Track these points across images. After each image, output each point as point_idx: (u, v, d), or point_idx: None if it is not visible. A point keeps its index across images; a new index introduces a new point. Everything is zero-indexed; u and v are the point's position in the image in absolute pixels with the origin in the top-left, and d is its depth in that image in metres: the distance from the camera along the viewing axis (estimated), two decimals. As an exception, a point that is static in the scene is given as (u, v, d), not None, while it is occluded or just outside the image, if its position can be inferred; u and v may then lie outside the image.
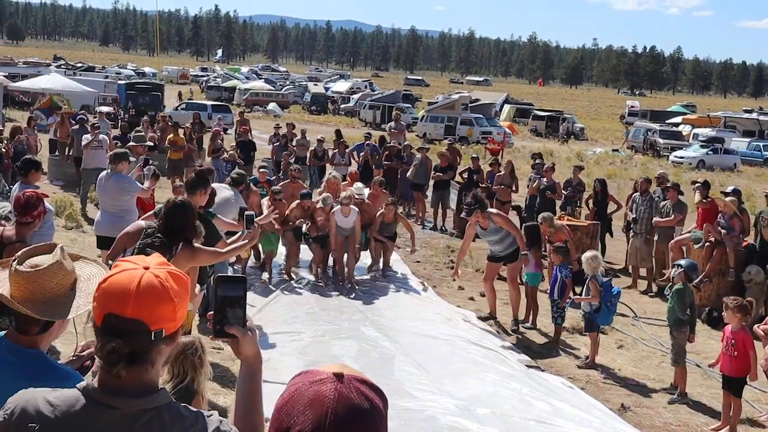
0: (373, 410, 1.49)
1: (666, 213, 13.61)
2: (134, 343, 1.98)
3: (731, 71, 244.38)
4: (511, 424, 7.14)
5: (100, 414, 1.98)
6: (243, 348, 2.25)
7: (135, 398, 2.00)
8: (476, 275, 13.81)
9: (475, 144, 42.20)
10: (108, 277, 2.04)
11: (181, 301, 2.05)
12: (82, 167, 16.50)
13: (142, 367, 2.02)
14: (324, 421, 1.44)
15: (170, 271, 2.07)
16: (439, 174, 18.13)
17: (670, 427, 7.79)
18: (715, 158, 40.64)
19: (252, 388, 2.30)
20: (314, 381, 1.51)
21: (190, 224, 6.16)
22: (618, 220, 16.16)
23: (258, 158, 22.41)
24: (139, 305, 1.97)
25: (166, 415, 2.02)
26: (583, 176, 18.75)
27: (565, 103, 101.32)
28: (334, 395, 1.47)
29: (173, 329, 2.06)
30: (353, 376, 1.52)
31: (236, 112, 40.32)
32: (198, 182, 7.79)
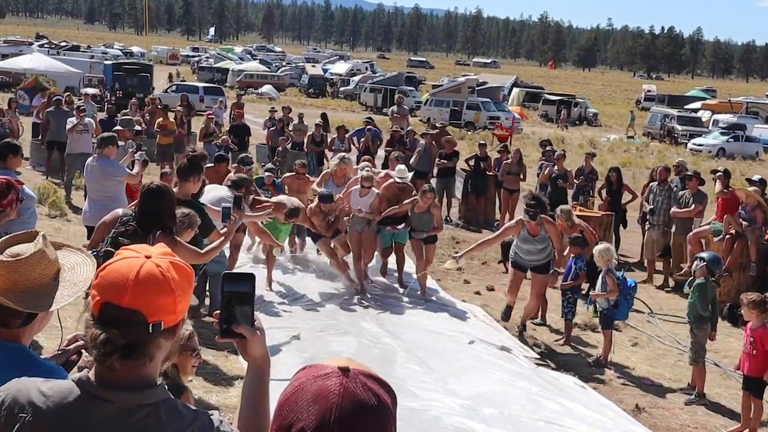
0: (381, 406, 1.49)
1: (685, 203, 13.59)
2: (131, 334, 1.98)
3: (754, 54, 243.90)
4: (519, 425, 7.16)
5: (94, 407, 1.99)
6: (251, 349, 2.24)
7: (130, 392, 2.00)
8: (482, 268, 13.84)
9: (482, 130, 42.17)
10: (107, 265, 2.05)
11: (182, 293, 2.05)
12: (66, 152, 16.49)
13: (139, 360, 2.02)
14: (329, 417, 1.44)
15: (173, 262, 2.07)
16: (443, 161, 18.10)
17: (686, 429, 7.82)
18: (736, 146, 40.57)
19: (259, 390, 2.30)
20: (319, 375, 1.50)
21: (167, 211, 6.12)
22: (633, 211, 16.14)
23: (252, 143, 22.40)
24: (137, 295, 1.97)
25: (162, 411, 2.02)
26: (596, 164, 18.76)
27: (577, 87, 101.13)
28: (339, 390, 1.46)
29: (173, 322, 2.06)
30: (360, 370, 1.51)
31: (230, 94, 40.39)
32: (191, 169, 7.78)
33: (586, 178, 16.61)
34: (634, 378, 9.15)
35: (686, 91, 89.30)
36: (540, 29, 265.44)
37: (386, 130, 24.33)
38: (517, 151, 18.04)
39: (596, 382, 8.90)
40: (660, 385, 9.00)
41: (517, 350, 9.58)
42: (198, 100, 38.87)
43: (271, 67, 75.56)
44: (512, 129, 29.62)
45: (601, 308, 9.63)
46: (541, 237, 10.04)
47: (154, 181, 6.94)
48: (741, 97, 65.52)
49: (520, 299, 10.69)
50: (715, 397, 8.70)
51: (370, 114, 35.93)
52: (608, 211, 15.28)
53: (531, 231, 10.00)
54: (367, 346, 9.12)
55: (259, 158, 22.07)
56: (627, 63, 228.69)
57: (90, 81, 39.31)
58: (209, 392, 7.33)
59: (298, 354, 8.60)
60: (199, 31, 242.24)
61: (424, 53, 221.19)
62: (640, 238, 15.27)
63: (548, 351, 9.88)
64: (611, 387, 8.82)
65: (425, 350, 9.08)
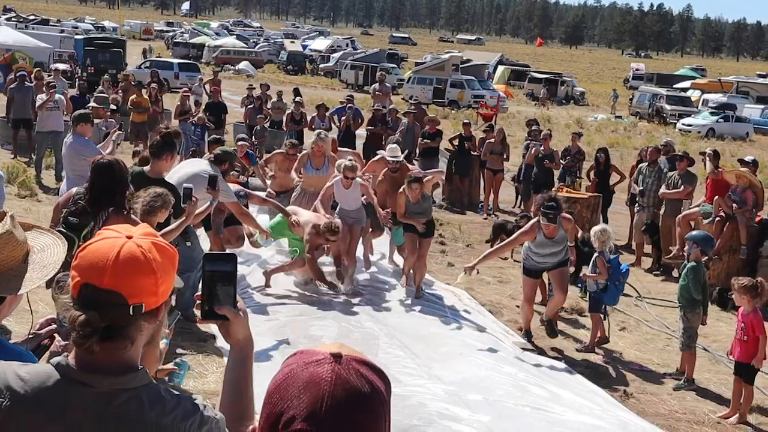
0: (374, 393, 1.47)
1: (674, 185, 13.63)
2: (111, 316, 1.97)
3: (744, 32, 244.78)
4: (504, 410, 7.18)
5: (74, 391, 1.97)
6: (234, 331, 2.25)
7: (111, 377, 1.99)
8: (466, 251, 13.85)
9: (466, 108, 42.20)
10: (87, 245, 2.04)
11: (164, 274, 2.04)
12: (36, 130, 16.35)
13: (120, 344, 2.01)
14: (320, 405, 1.42)
15: (155, 242, 2.06)
16: (426, 141, 18.07)
17: (675, 414, 7.86)
18: (726, 126, 40.81)
19: (242, 373, 2.31)
20: (310, 362, 1.48)
21: (118, 187, 6.06)
22: (621, 192, 16.21)
23: (230, 122, 22.29)
24: (117, 276, 1.96)
25: (144, 396, 2.01)
26: (583, 144, 18.81)
27: (564, 65, 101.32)
28: (331, 377, 1.44)
29: (155, 304, 2.04)
30: (352, 356, 1.49)
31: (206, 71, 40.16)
32: (164, 146, 7.71)
33: (573, 158, 16.67)
34: (622, 363, 9.19)
35: (675, 70, 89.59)
36: (526, 5, 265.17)
37: (367, 109, 24.28)
38: (500, 130, 18.05)
39: (583, 367, 8.94)
40: (648, 370, 9.04)
41: (503, 335, 9.60)
42: (173, 76, 38.64)
43: (249, 43, 75.21)
44: (497, 108, 29.59)
45: (589, 290, 9.68)
46: (559, 238, 9.44)
47: (105, 156, 6.87)
48: (731, 77, 65.86)
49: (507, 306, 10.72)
50: (704, 382, 8.76)
51: (351, 92, 35.77)
52: (596, 192, 15.33)
53: (548, 234, 9.34)
54: (347, 330, 9.11)
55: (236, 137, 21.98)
56: (615, 41, 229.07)
57: (60, 56, 38.91)
58: (186, 378, 7.29)
59: (276, 338, 8.58)
60: (173, 5, 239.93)
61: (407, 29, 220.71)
62: (627, 220, 15.35)
63: (534, 336, 9.90)
64: (598, 372, 8.86)
65: (408, 335, 9.07)
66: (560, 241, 9.44)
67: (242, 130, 21.62)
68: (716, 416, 7.88)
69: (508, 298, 11.29)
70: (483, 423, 6.83)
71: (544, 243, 9.38)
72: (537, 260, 9.56)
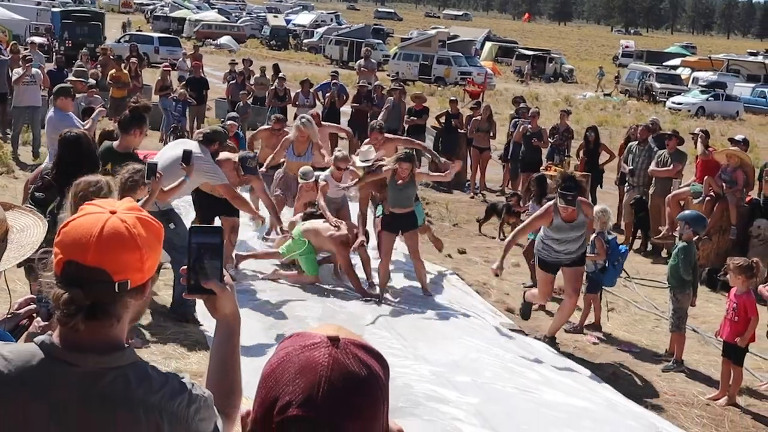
0: (372, 378, 1.46)
1: (663, 164, 13.67)
2: (95, 294, 1.95)
3: (735, 9, 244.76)
4: (492, 392, 7.20)
5: (59, 370, 1.96)
6: (221, 305, 2.24)
7: (97, 355, 1.98)
8: (453, 230, 13.87)
9: (453, 85, 42.13)
10: (70, 221, 2.01)
11: (150, 250, 2.02)
12: (12, 105, 16.23)
13: (106, 321, 1.99)
14: (317, 390, 1.40)
15: (140, 217, 2.04)
16: (413, 118, 18.03)
17: (664, 396, 7.91)
18: (716, 105, 40.91)
19: (229, 349, 2.30)
20: (306, 345, 1.46)
21: (86, 161, 6.02)
22: (610, 171, 16.24)
23: (211, 98, 22.19)
24: (101, 252, 1.94)
25: (131, 374, 2.00)
26: (572, 122, 18.83)
27: (552, 42, 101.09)
28: (328, 362, 1.42)
29: (140, 281, 2.03)
30: (350, 339, 1.48)
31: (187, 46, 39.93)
32: (132, 120, 7.63)
33: (562, 136, 16.68)
34: (610, 344, 9.24)
35: (665, 47, 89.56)
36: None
37: (352, 85, 24.18)
38: (487, 107, 18.01)
39: (572, 349, 8.98)
40: (637, 351, 9.09)
41: (490, 316, 9.62)
42: (153, 51, 38.38)
43: (231, 17, 74.63)
44: (484, 85, 29.49)
45: (587, 271, 9.65)
46: (578, 223, 8.72)
47: (72, 129, 6.82)
48: (722, 54, 65.88)
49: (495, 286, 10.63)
50: (693, 364, 8.81)
51: (336, 68, 35.64)
52: (585, 171, 15.34)
53: (566, 217, 8.65)
54: (332, 310, 9.10)
55: (218, 114, 21.89)
56: (604, 17, 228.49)
57: (37, 29, 38.58)
58: (168, 358, 7.29)
59: (259, 319, 8.57)
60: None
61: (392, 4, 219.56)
62: (616, 200, 15.38)
63: (523, 316, 9.92)
64: (587, 354, 8.90)
65: (394, 315, 9.08)
66: (579, 226, 8.76)
67: (224, 106, 21.52)
68: (705, 398, 7.94)
69: (495, 278, 11.28)
70: (472, 405, 6.85)
71: (561, 227, 8.71)
72: (556, 248, 8.85)
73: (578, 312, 9.70)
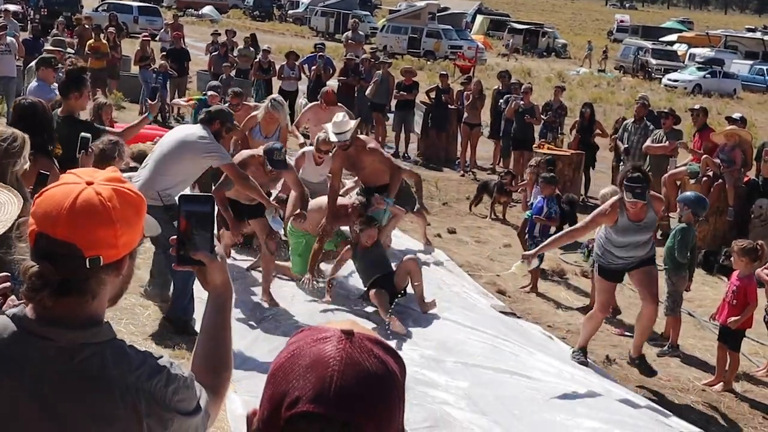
0: (388, 375, 1.42)
1: (658, 142, 13.69)
2: (66, 269, 1.91)
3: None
4: (482, 376, 7.21)
5: (33, 345, 1.93)
6: (211, 276, 2.23)
7: (72, 330, 1.94)
8: (443, 209, 13.85)
9: (442, 59, 42.02)
10: (44, 191, 1.97)
11: (125, 225, 1.97)
12: (-14, 75, 16.08)
13: (81, 298, 1.96)
14: (328, 386, 1.36)
15: (117, 189, 1.98)
16: (402, 93, 17.98)
17: (659, 381, 7.93)
18: (713, 82, 40.98)
19: (220, 321, 2.29)
20: (318, 339, 1.42)
21: (40, 128, 5.95)
22: (603, 150, 16.24)
23: (193, 70, 22.05)
24: (72, 226, 1.90)
25: (108, 352, 1.96)
26: (565, 99, 18.80)
27: (545, 15, 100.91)
28: (341, 356, 1.38)
29: (114, 257, 1.98)
30: (365, 334, 1.44)
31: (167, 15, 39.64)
32: (70, 84, 7.51)
33: (555, 113, 16.64)
34: (603, 328, 9.24)
35: (661, 22, 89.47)
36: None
37: (339, 58, 24.07)
38: (477, 82, 17.94)
39: (564, 332, 9.00)
40: (631, 335, 9.09)
41: (481, 297, 9.62)
42: (132, 20, 38.07)
43: (213, -14, 74.10)
44: (475, 59, 29.44)
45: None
46: (647, 222, 7.68)
47: (26, 97, 6.76)
48: (719, 30, 65.79)
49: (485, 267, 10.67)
50: (688, 348, 8.85)
51: (322, 40, 35.46)
52: (578, 149, 15.35)
53: (634, 216, 7.57)
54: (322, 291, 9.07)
55: (200, 86, 21.72)
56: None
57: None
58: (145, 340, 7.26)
59: (244, 295, 8.54)
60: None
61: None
62: (609, 179, 15.41)
63: (513, 299, 9.94)
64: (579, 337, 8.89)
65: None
66: (648, 226, 7.72)
67: (207, 78, 21.36)
68: (701, 383, 7.98)
69: (486, 259, 11.31)
70: (461, 389, 6.86)
71: (627, 228, 7.61)
72: (619, 255, 7.77)
73: (569, 295, 9.72)
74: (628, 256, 7.73)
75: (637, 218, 7.55)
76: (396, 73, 20.35)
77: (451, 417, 6.34)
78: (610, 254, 7.79)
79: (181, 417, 2.00)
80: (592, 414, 6.68)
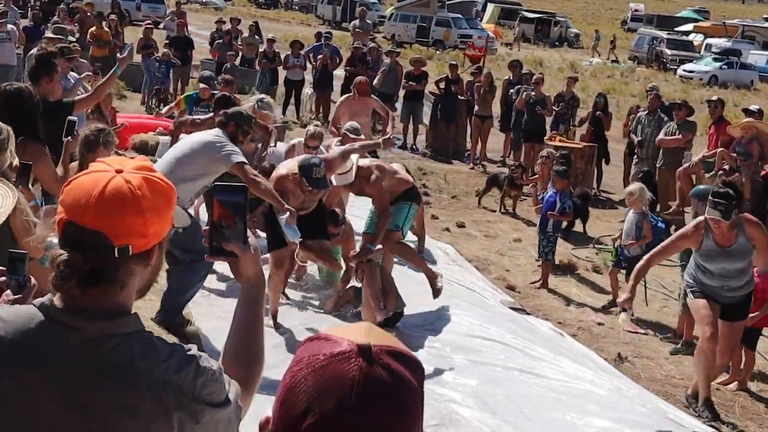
0: (407, 391, 1.40)
1: (671, 135, 13.63)
2: (94, 258, 1.92)
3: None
4: (491, 374, 7.20)
5: (59, 335, 1.94)
6: (244, 268, 2.25)
7: (99, 321, 1.95)
8: (452, 202, 13.84)
9: (452, 49, 41.95)
10: (73, 179, 1.99)
11: (155, 214, 1.98)
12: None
13: (109, 288, 1.97)
14: (345, 407, 1.36)
15: (148, 178, 1.99)
16: (411, 83, 17.95)
17: (672, 380, 7.92)
18: (730, 73, 40.85)
19: (252, 314, 2.30)
20: (334, 355, 1.40)
21: (26, 115, 5.94)
22: (616, 143, 16.20)
23: (197, 59, 22.06)
24: (101, 214, 1.91)
25: (136, 343, 1.97)
26: (578, 90, 18.76)
27: (558, 4, 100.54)
28: (359, 377, 1.37)
29: (144, 247, 1.99)
30: (383, 347, 1.42)
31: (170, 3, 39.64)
32: (40, 69, 7.48)
33: (567, 104, 16.60)
34: (615, 325, 9.23)
35: (677, 12, 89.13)
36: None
37: (346, 47, 24.07)
38: (488, 73, 17.91)
39: (575, 329, 8.99)
40: (643, 332, 9.10)
41: (490, 293, 9.61)
42: (134, 8, 38.09)
43: (217, -27, 74.12)
44: (485, 49, 29.39)
45: (631, 254, 9.46)
46: (737, 249, 7.02)
47: (12, 83, 6.75)
48: (736, 20, 65.54)
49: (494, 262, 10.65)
50: (702, 346, 8.81)
51: (328, 29, 35.43)
52: (591, 142, 15.31)
53: (720, 239, 6.99)
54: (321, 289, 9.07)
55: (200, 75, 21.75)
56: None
57: (11, -17, 38.21)
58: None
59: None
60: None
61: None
62: (621, 172, 15.39)
63: (523, 294, 9.93)
64: (591, 334, 8.90)
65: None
66: (741, 254, 7.04)
67: (211, 67, 21.38)
68: (715, 382, 7.94)
69: (495, 254, 11.30)
70: (469, 387, 6.85)
71: (713, 254, 7.04)
72: (709, 284, 7.19)
73: (580, 290, 9.71)
74: (720, 285, 7.16)
75: (725, 243, 6.97)
76: (404, 63, 20.31)
77: (458, 415, 6.34)
78: (700, 282, 7.27)
79: (212, 409, 2.00)
80: (603, 413, 6.67)
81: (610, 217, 13.84)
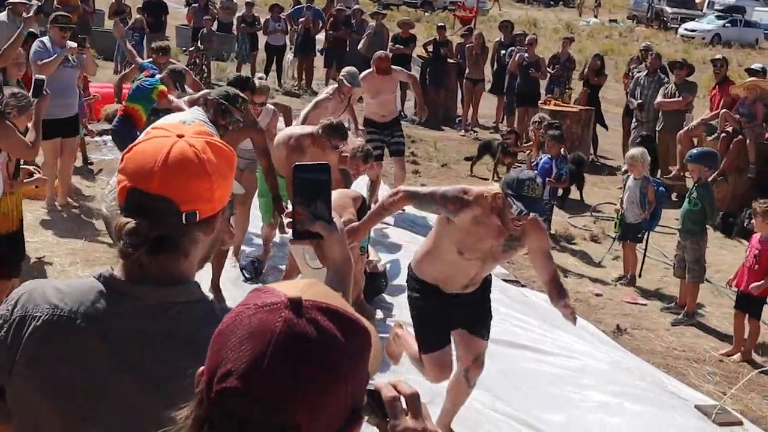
0: (333, 354, 1.37)
1: (671, 95, 13.58)
2: (161, 225, 1.93)
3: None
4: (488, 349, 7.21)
5: (119, 304, 1.95)
6: (330, 250, 2.20)
7: (161, 289, 1.96)
8: (442, 171, 13.83)
9: (441, 11, 41.79)
10: (134, 146, 2.00)
11: (220, 178, 1.99)
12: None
13: (173, 256, 1.98)
14: (261, 362, 1.32)
15: (210, 142, 2.01)
16: (398, 46, 17.86)
17: (673, 352, 7.96)
18: (734, 32, 40.82)
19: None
20: (263, 305, 1.38)
21: None
22: (615, 106, 16.19)
23: (171, 24, 21.91)
24: (167, 179, 1.92)
25: (197, 312, 1.97)
26: (574, 51, 18.70)
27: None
28: (281, 329, 1.34)
29: (210, 212, 2.00)
30: (316, 302, 1.39)
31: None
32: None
33: (563, 66, 16.54)
34: (614, 296, 9.27)
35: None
36: None
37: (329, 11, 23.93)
38: (479, 35, 17.85)
39: (572, 301, 8.98)
40: (644, 303, 9.13)
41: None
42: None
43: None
44: (476, 10, 29.29)
45: (635, 221, 9.59)
46: None
47: None
48: (740, -25, 65.51)
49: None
50: (705, 316, 8.87)
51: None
52: (587, 105, 15.29)
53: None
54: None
55: (180, 42, 21.63)
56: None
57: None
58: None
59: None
60: None
61: None
62: (620, 137, 15.39)
63: (517, 266, 9.94)
64: (588, 306, 8.93)
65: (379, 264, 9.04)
66: None
67: (186, 33, 21.27)
68: (718, 353, 7.99)
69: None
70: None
71: None
72: None
73: (577, 261, 9.72)
74: None
75: None
76: (391, 26, 20.23)
77: (450, 392, 6.35)
78: None
79: None
80: (601, 386, 6.71)
81: (608, 183, 13.86)
